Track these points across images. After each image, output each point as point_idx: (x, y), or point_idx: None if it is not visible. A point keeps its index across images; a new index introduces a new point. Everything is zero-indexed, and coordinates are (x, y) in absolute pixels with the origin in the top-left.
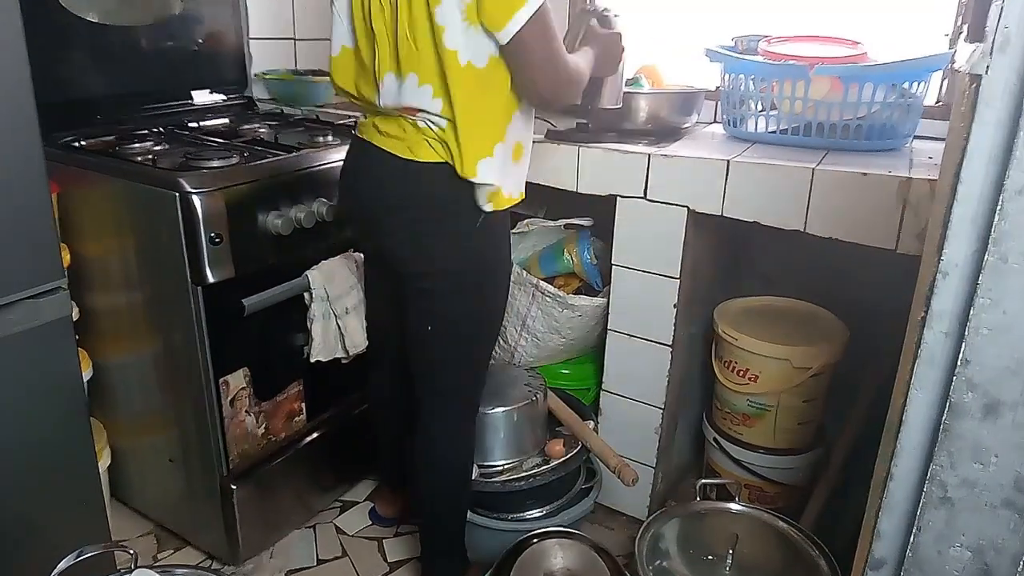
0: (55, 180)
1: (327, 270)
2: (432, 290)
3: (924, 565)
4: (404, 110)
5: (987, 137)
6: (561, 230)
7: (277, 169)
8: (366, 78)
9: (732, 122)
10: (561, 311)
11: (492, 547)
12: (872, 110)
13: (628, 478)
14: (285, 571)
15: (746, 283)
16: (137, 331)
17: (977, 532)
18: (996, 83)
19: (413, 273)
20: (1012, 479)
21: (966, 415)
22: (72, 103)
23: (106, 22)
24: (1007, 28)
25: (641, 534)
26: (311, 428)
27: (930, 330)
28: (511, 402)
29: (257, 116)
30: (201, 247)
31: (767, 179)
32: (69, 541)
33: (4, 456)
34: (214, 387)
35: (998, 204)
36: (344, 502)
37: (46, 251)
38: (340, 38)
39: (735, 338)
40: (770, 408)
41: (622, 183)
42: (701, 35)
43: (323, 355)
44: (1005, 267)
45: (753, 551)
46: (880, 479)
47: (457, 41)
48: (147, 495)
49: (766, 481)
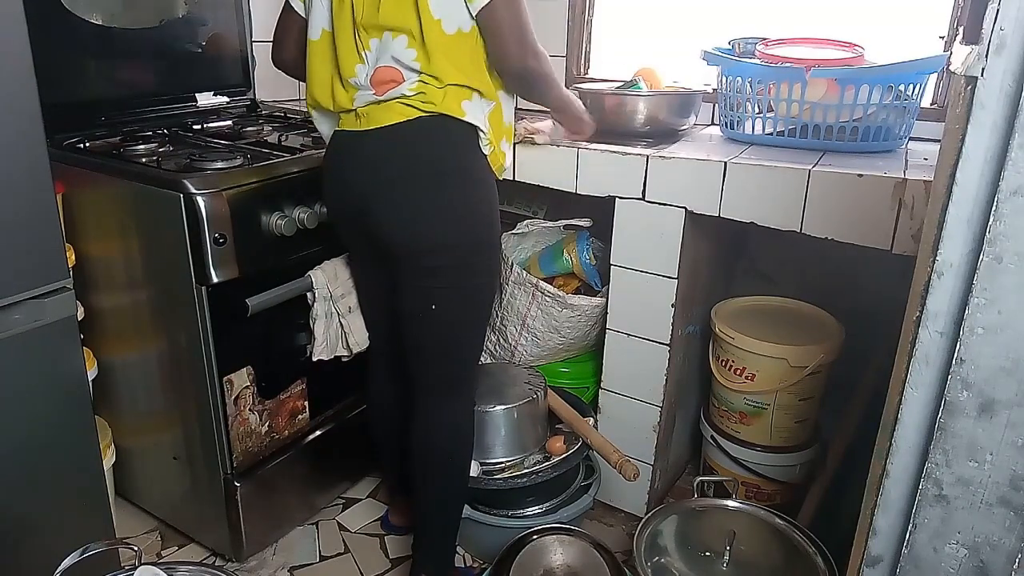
0: (60, 181)
1: (330, 270)
2: (433, 268)
3: (920, 562)
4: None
5: (982, 139)
6: (560, 231)
7: (280, 170)
8: (345, 58)
9: (729, 124)
10: (560, 311)
11: (492, 544)
12: (868, 112)
13: (629, 473)
14: (288, 567)
15: (743, 283)
16: (142, 330)
17: (972, 530)
18: (991, 85)
19: (413, 253)
20: (1007, 477)
21: (961, 414)
22: (77, 105)
23: (110, 24)
24: (1002, 30)
25: (639, 531)
26: (314, 426)
27: (925, 329)
28: (512, 400)
29: (260, 118)
30: (205, 248)
31: (764, 180)
32: (74, 538)
33: (9, 454)
34: (218, 386)
35: (993, 205)
36: (346, 499)
37: (51, 251)
38: (320, 22)
39: (732, 337)
40: (767, 406)
41: (620, 184)
42: (699, 38)
43: (326, 354)
44: (1000, 267)
45: (750, 548)
46: (876, 477)
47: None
48: (151, 493)
49: (763, 478)
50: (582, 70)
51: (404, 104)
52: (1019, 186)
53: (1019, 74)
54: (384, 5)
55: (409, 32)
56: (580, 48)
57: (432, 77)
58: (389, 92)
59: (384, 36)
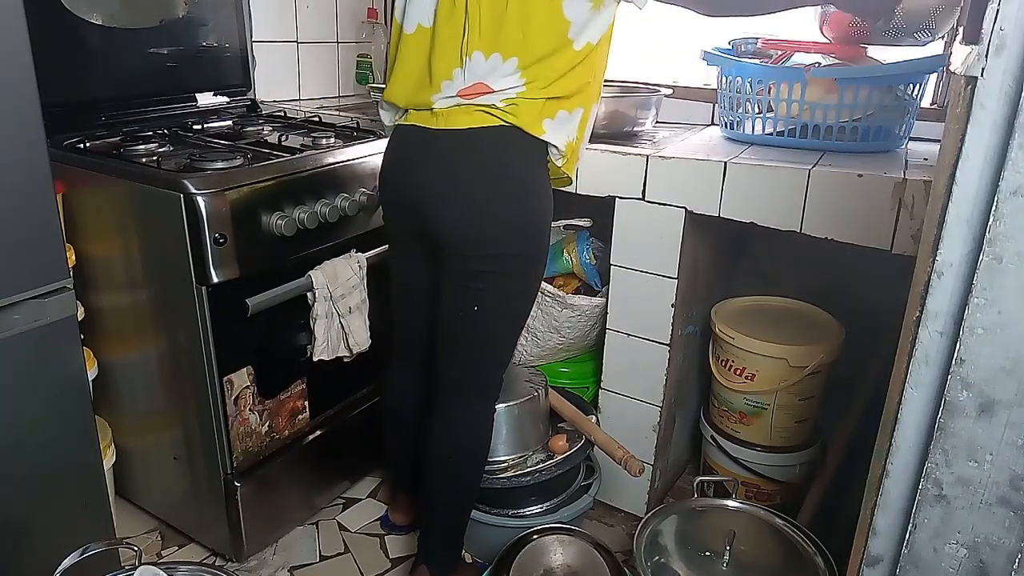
0: (60, 181)
1: (330, 270)
2: (484, 271)
3: (920, 562)
4: (471, 93)
5: (982, 139)
6: (560, 231)
7: (281, 170)
8: (442, 59)
9: (729, 124)
10: (560, 311)
11: (492, 543)
12: (868, 112)
13: (634, 469)
14: (288, 567)
15: (743, 283)
16: (142, 330)
17: (972, 529)
18: (991, 85)
19: (467, 255)
20: (1007, 477)
21: (961, 414)
22: (77, 105)
23: (110, 24)
24: (1002, 31)
25: (639, 530)
26: (314, 426)
27: (925, 329)
28: (513, 398)
29: (261, 118)
30: (205, 248)
31: (764, 180)
32: (74, 538)
33: (9, 454)
34: (218, 386)
35: (993, 205)
36: (347, 499)
37: (51, 251)
38: (418, 15)
39: (732, 337)
40: (767, 406)
41: (620, 184)
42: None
43: (326, 354)
44: (1000, 267)
45: (750, 548)
46: (876, 477)
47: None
48: (151, 493)
49: (763, 478)
50: None
51: (485, 112)
52: (1019, 186)
53: (1019, 74)
54: (507, 26)
55: (523, 56)
56: None
57: (528, 99)
58: (477, 100)
59: (492, 56)
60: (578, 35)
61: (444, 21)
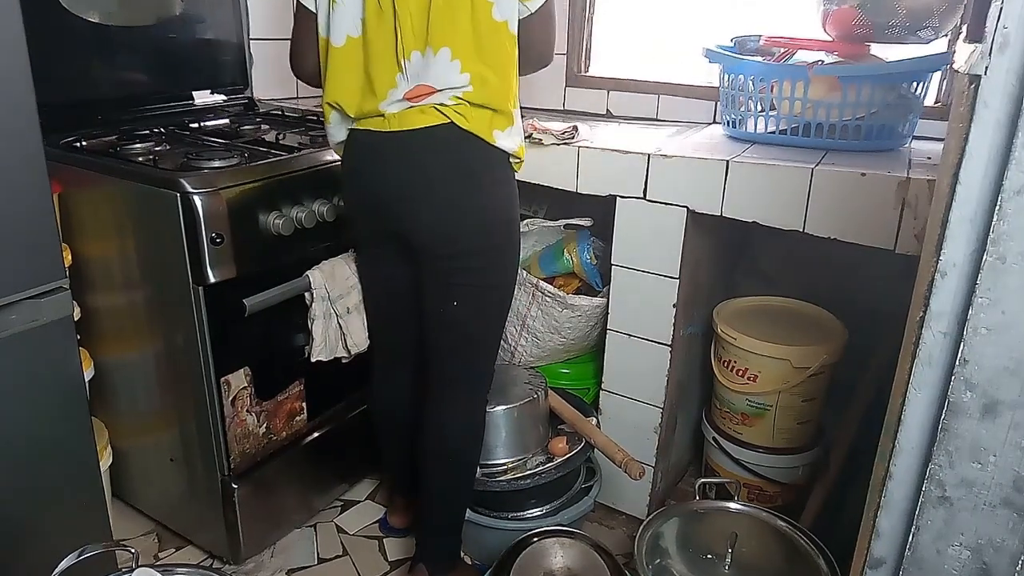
0: (56, 180)
1: (328, 270)
2: (461, 267)
3: (923, 564)
4: (417, 96)
5: (986, 137)
6: (561, 230)
7: (278, 169)
8: (381, 68)
9: (731, 123)
10: (561, 311)
11: (493, 546)
12: (871, 111)
13: (635, 472)
14: (286, 570)
15: (745, 283)
16: (138, 331)
17: (976, 531)
18: (995, 84)
19: (442, 252)
20: (1011, 479)
21: (964, 415)
22: (73, 103)
23: (107, 23)
24: (1006, 29)
25: (641, 533)
26: (312, 427)
27: (929, 330)
28: (512, 400)
29: (258, 116)
30: (202, 247)
31: (766, 179)
32: (70, 540)
33: (5, 455)
34: (215, 387)
35: (997, 204)
36: (345, 501)
37: (47, 251)
38: (345, 27)
39: (734, 338)
40: (769, 408)
41: (621, 183)
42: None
43: (324, 355)
44: (1004, 267)
45: (752, 550)
46: (879, 478)
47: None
48: (148, 494)
49: (765, 480)
50: (583, 68)
51: (438, 110)
52: (1022, 185)
53: (1023, 72)
54: (435, 19)
55: (457, 46)
56: (581, 46)
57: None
58: (425, 100)
59: (427, 51)
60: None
61: (374, 28)
